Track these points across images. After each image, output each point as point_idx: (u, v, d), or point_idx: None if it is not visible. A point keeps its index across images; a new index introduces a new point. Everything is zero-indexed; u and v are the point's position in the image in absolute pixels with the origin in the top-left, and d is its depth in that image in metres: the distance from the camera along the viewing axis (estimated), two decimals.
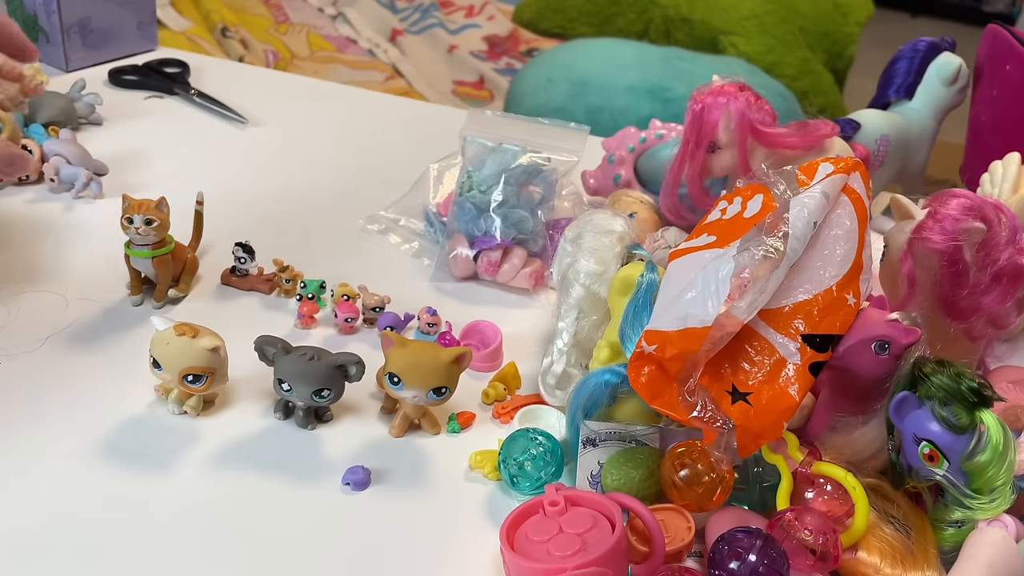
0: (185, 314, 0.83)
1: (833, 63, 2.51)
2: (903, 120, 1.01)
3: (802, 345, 0.64)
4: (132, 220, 0.79)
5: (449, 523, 0.67)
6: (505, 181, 0.90)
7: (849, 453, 0.65)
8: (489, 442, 0.72)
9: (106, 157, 1.06)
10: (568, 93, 1.98)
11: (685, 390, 0.63)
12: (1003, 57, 1.02)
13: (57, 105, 1.07)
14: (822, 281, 0.65)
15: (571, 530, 0.58)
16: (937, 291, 0.71)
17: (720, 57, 2.23)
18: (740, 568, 0.57)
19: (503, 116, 1.00)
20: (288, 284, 0.86)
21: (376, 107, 1.30)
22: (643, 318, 0.69)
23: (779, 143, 0.85)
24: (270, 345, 0.70)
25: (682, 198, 0.91)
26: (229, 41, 2.18)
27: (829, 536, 0.59)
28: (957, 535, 0.61)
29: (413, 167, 1.03)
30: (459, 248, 0.90)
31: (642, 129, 1.04)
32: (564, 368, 0.77)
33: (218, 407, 0.74)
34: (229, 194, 1.00)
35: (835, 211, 0.68)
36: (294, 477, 0.69)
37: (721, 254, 0.67)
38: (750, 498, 0.67)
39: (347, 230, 0.98)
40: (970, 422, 0.59)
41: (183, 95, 1.21)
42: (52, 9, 1.20)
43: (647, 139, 1.02)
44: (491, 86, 2.29)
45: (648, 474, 0.66)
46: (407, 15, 2.54)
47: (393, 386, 0.69)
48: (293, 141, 1.16)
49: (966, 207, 0.70)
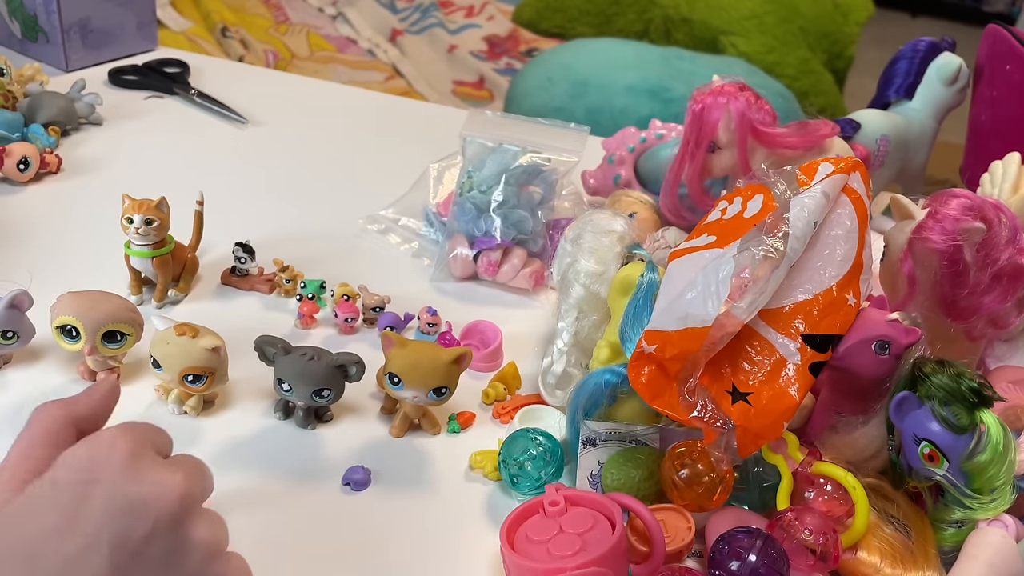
0: (185, 314, 0.83)
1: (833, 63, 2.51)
2: (903, 120, 1.01)
3: (802, 345, 0.64)
4: (132, 220, 0.79)
5: (449, 523, 0.67)
6: (505, 181, 0.90)
7: (849, 453, 0.65)
8: (489, 442, 0.72)
9: (106, 157, 1.06)
10: (568, 93, 1.98)
11: (685, 390, 0.63)
12: (1003, 57, 1.02)
13: (57, 105, 1.07)
14: (822, 281, 0.65)
15: (571, 530, 0.58)
16: (937, 291, 0.71)
17: (720, 57, 2.23)
18: (740, 568, 0.57)
19: (503, 116, 1.00)
20: (288, 284, 0.86)
21: (376, 107, 1.30)
22: (643, 318, 0.69)
23: (779, 143, 0.85)
24: (270, 345, 0.70)
25: (682, 198, 0.91)
26: (229, 41, 2.18)
27: (829, 536, 0.59)
28: (957, 535, 0.61)
29: (413, 167, 1.03)
30: (459, 248, 0.90)
31: (642, 129, 1.04)
32: (564, 368, 0.77)
33: (218, 407, 0.74)
34: (229, 194, 1.00)
35: (835, 211, 0.68)
36: (294, 477, 0.69)
37: (721, 254, 0.67)
38: (750, 498, 0.67)
39: (347, 230, 0.98)
40: (970, 422, 0.59)
41: (183, 95, 1.21)
42: (52, 9, 1.19)
43: (647, 139, 1.02)
44: (491, 86, 2.29)
45: (648, 474, 0.66)
46: (407, 15, 2.54)
47: (393, 386, 0.69)
48: (293, 141, 1.16)
49: (966, 207, 0.70)
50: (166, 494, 0.44)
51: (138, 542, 0.43)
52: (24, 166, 0.97)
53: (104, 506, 0.42)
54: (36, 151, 0.99)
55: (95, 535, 0.42)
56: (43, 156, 1.00)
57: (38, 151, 0.99)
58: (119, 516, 0.43)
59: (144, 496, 0.44)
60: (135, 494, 0.43)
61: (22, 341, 0.73)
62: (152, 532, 0.43)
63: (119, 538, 0.43)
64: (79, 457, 0.44)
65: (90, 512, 0.42)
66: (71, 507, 0.42)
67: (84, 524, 0.42)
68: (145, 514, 0.43)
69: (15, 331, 0.72)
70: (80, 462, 0.44)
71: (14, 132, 1.01)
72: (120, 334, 0.72)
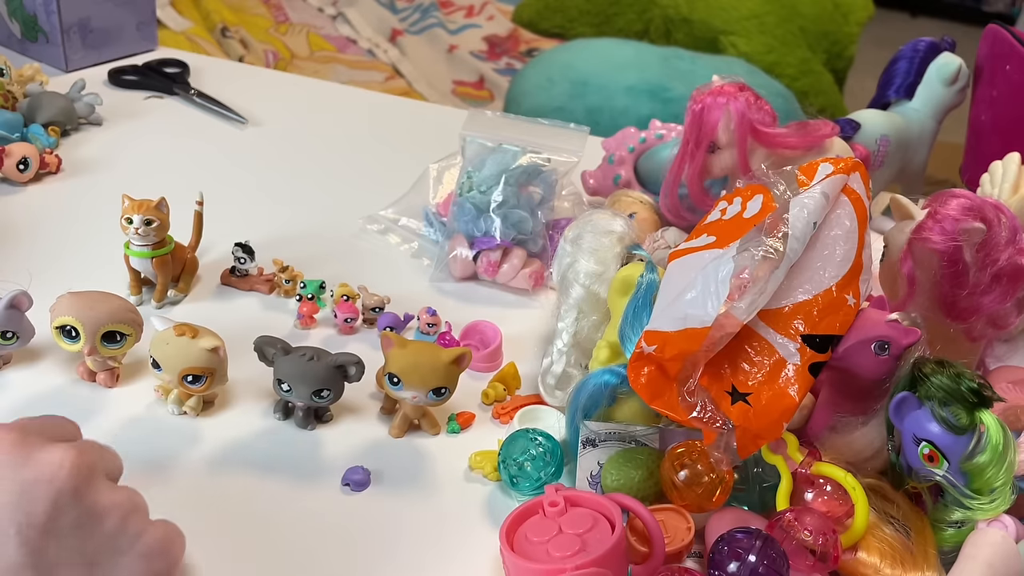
0: (185, 314, 0.83)
1: (833, 63, 2.51)
2: (903, 120, 1.01)
3: (802, 345, 0.64)
4: (132, 220, 0.79)
5: (449, 523, 0.67)
6: (505, 181, 0.90)
7: (849, 453, 0.65)
8: (489, 442, 0.72)
9: (106, 157, 1.06)
10: (568, 93, 1.98)
11: (685, 390, 0.63)
12: (1003, 57, 1.02)
13: (57, 105, 1.07)
14: (822, 281, 0.65)
15: (571, 530, 0.58)
16: (937, 291, 0.71)
17: (720, 57, 2.23)
18: (740, 569, 0.57)
19: (503, 116, 1.00)
20: (288, 284, 0.86)
21: (376, 107, 1.30)
22: (643, 318, 0.69)
23: (779, 143, 0.85)
24: (270, 345, 0.70)
25: (682, 198, 0.91)
26: (229, 41, 2.18)
27: (829, 536, 0.59)
28: (957, 535, 0.61)
29: (413, 167, 1.03)
30: (459, 248, 0.90)
31: (642, 129, 1.04)
32: (564, 368, 0.77)
33: (218, 407, 0.74)
34: (229, 194, 1.00)
35: (835, 211, 0.68)
36: (294, 477, 0.69)
37: (721, 254, 0.67)
38: (750, 498, 0.67)
39: (347, 230, 0.98)
40: (970, 422, 0.59)
41: (183, 95, 1.21)
42: (52, 9, 1.19)
43: (647, 139, 1.02)
44: (491, 86, 2.29)
45: (648, 474, 0.66)
46: (407, 15, 2.54)
47: (393, 386, 0.69)
48: (293, 141, 1.16)
49: (966, 207, 0.70)
50: (57, 469, 0.46)
51: (44, 520, 0.44)
52: (24, 166, 0.97)
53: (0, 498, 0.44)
54: (36, 151, 0.99)
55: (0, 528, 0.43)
56: (43, 156, 1.00)
57: (38, 151, 0.99)
58: (17, 504, 0.44)
59: (36, 476, 0.45)
60: (27, 478, 0.45)
61: (21, 341, 0.73)
62: (55, 507, 0.45)
63: (24, 521, 0.44)
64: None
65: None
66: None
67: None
68: (43, 492, 0.45)
69: (15, 331, 0.72)
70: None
71: (14, 132, 1.01)
72: (120, 334, 0.72)
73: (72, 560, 0.45)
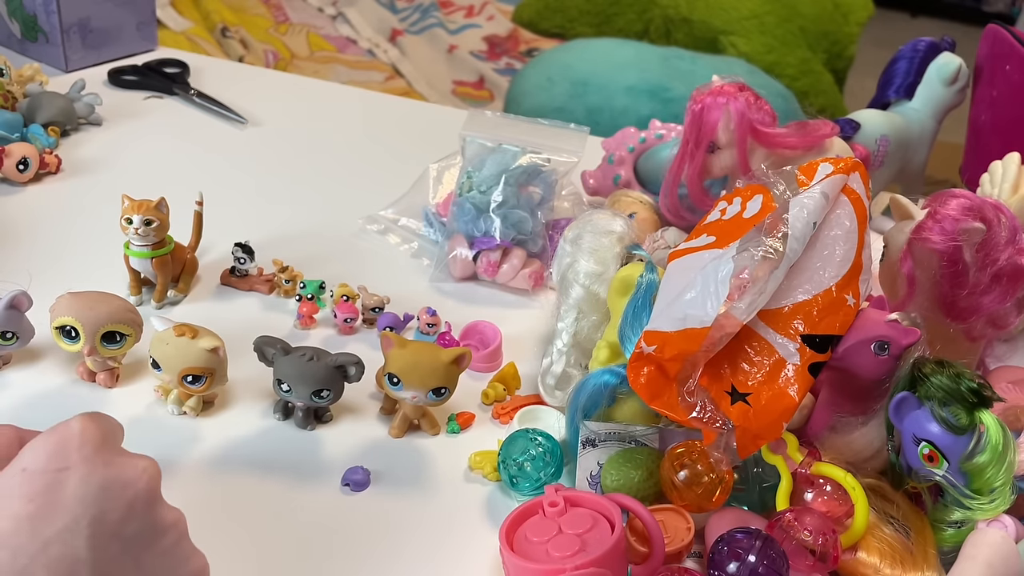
0: (184, 315, 0.83)
1: (833, 63, 2.51)
2: (903, 120, 1.01)
3: (801, 345, 0.64)
4: (131, 220, 0.79)
5: (449, 523, 0.67)
6: (505, 181, 0.90)
7: (849, 453, 0.65)
8: (489, 443, 0.72)
9: (106, 157, 1.06)
10: (568, 93, 1.98)
11: (684, 391, 0.63)
12: (1003, 57, 1.02)
13: (57, 105, 1.07)
14: (822, 281, 0.65)
15: (570, 531, 0.58)
16: (937, 291, 0.71)
17: (720, 57, 2.23)
18: (740, 569, 0.57)
19: (503, 116, 1.00)
20: (288, 284, 0.86)
21: (376, 107, 1.30)
22: (643, 318, 0.69)
23: (779, 143, 0.85)
24: (269, 346, 0.70)
25: (682, 198, 0.91)
26: (229, 41, 2.18)
27: (829, 536, 0.59)
28: (957, 535, 0.61)
29: (413, 167, 1.03)
30: (458, 248, 0.90)
31: (642, 129, 1.04)
32: (564, 368, 0.77)
33: (218, 407, 0.74)
34: (229, 194, 1.00)
35: (835, 211, 0.68)
36: (294, 477, 0.69)
37: (720, 254, 0.67)
38: (750, 498, 0.67)
39: (346, 230, 0.98)
40: (970, 422, 0.59)
41: (183, 95, 1.21)
42: (52, 9, 1.19)
43: (647, 139, 1.02)
44: (491, 86, 2.29)
45: (648, 474, 0.66)
46: (407, 15, 2.54)
47: (392, 387, 0.69)
48: (293, 141, 1.16)
49: (966, 207, 0.70)
50: (141, 473, 0.46)
51: (116, 522, 0.45)
52: (24, 166, 0.97)
53: (81, 490, 0.44)
54: (36, 151, 0.99)
55: (73, 518, 0.44)
56: (43, 156, 1.00)
57: (38, 151, 0.99)
58: (97, 498, 0.44)
59: (119, 478, 0.46)
60: (111, 476, 0.45)
61: (21, 342, 0.73)
62: (128, 512, 0.45)
63: (98, 519, 0.44)
64: (48, 446, 0.45)
65: (66, 497, 0.44)
66: (45, 494, 0.43)
67: (61, 508, 0.43)
68: (122, 495, 0.45)
69: (14, 332, 0.72)
70: (49, 451, 0.45)
71: (14, 132, 1.01)
72: (119, 335, 0.72)
73: (125, 569, 0.46)
